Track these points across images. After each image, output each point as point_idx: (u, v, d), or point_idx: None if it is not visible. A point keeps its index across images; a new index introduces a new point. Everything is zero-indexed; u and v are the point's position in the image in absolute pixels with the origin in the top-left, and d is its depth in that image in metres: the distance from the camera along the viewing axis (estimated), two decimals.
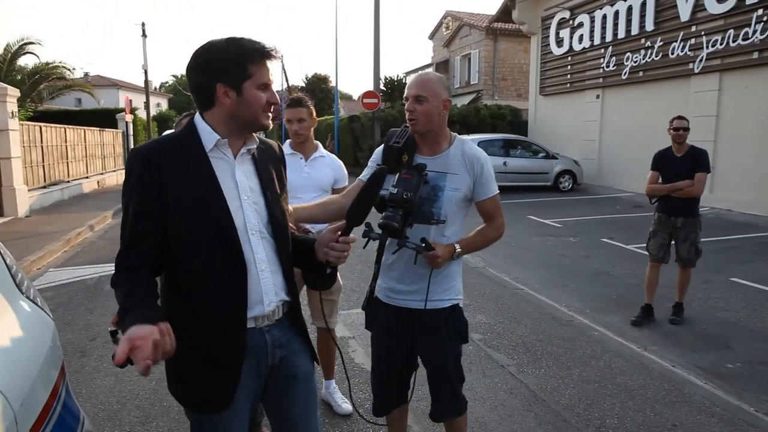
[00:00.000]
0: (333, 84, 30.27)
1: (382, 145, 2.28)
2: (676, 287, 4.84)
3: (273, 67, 1.53)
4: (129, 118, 20.93)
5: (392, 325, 2.28)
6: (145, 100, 27.13)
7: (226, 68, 1.45)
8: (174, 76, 67.48)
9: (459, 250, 2.15)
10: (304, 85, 42.70)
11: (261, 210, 1.57)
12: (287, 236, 1.65)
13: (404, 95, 2.23)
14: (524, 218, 10.17)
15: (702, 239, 4.82)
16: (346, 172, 3.26)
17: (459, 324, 2.28)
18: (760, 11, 10.21)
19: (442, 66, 33.18)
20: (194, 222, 1.46)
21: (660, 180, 4.78)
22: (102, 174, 17.63)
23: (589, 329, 4.65)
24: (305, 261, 1.71)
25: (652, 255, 4.88)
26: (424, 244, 2.05)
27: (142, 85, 28.98)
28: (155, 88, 53.68)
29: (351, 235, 1.62)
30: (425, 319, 2.20)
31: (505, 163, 13.60)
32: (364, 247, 2.19)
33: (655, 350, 4.24)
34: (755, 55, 10.45)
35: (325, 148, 3.35)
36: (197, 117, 1.54)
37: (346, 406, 3.29)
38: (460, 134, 2.34)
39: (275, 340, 1.61)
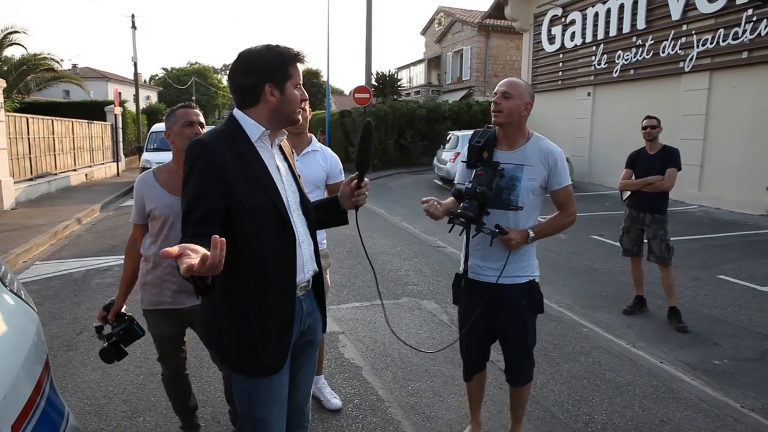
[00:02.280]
0: (324, 78, 30.14)
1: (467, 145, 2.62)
2: (663, 291, 4.86)
3: (301, 68, 1.77)
4: (118, 110, 20.71)
5: (476, 297, 2.57)
6: (134, 93, 26.82)
7: (273, 71, 1.69)
8: (164, 68, 66.86)
9: (532, 234, 2.47)
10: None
11: (295, 191, 1.83)
12: (312, 213, 1.90)
13: (494, 91, 2.53)
14: None
15: (690, 237, 4.85)
16: (341, 166, 3.20)
17: (535, 297, 2.58)
18: (750, 11, 10.27)
19: (434, 62, 33.16)
20: (255, 203, 1.64)
21: (633, 177, 4.86)
22: (90, 167, 17.45)
23: (578, 325, 4.66)
24: (329, 217, 2.00)
25: (625, 250, 5.01)
26: (498, 230, 2.39)
27: (132, 77, 28.66)
28: (145, 81, 53.14)
29: (365, 179, 1.92)
30: (506, 292, 2.51)
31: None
32: (449, 231, 2.53)
33: (644, 347, 4.26)
34: (744, 54, 10.51)
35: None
36: (238, 112, 1.74)
37: (336, 401, 3.27)
38: (450, 130, 2.58)
39: (307, 308, 1.85)
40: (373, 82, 21.85)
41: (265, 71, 1.68)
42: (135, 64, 26.38)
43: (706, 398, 3.46)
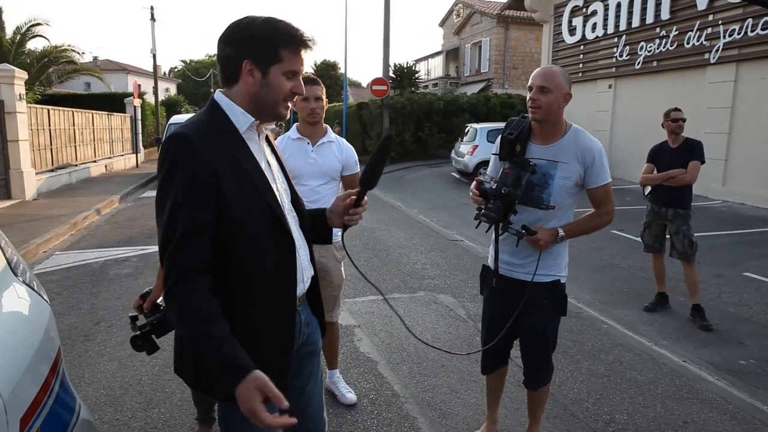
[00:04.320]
0: (342, 71, 30.10)
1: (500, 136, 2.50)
2: (686, 288, 4.73)
3: (306, 56, 1.48)
4: (137, 102, 20.89)
5: (500, 292, 2.52)
6: (153, 85, 27.05)
7: (256, 46, 1.41)
8: (183, 61, 67.38)
9: (562, 234, 2.35)
10: (313, 71, 42.53)
11: (287, 188, 1.61)
12: (303, 208, 1.68)
13: (528, 84, 2.37)
14: None
15: (714, 233, 4.72)
16: (356, 157, 3.15)
17: (558, 297, 2.48)
18: None
19: (452, 54, 32.89)
20: (249, 209, 1.41)
21: (655, 171, 4.73)
22: (110, 158, 17.64)
23: (598, 322, 4.57)
24: (315, 229, 1.73)
25: (647, 246, 4.89)
26: (524, 231, 2.29)
27: (151, 69, 28.90)
28: (164, 73, 53.60)
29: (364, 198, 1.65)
30: (529, 290, 2.40)
31: None
32: (476, 227, 2.51)
33: (666, 344, 4.15)
34: None
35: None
36: (220, 96, 1.48)
37: (351, 395, 3.24)
38: (468, 122, 2.51)
39: (305, 318, 1.67)
40: (391, 74, 21.73)
41: (247, 43, 1.40)
42: (154, 56, 26.59)
43: (731, 399, 3.35)
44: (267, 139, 1.62)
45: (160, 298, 2.56)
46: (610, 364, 3.79)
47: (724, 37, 11.13)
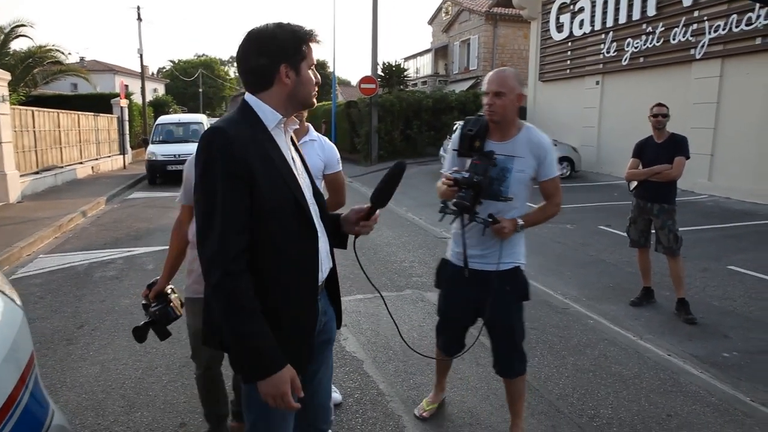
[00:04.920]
0: (330, 69, 30.03)
1: (458, 132, 2.66)
2: (672, 282, 4.75)
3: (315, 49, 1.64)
4: (124, 103, 20.72)
5: (461, 283, 2.63)
6: (141, 86, 26.84)
7: (288, 51, 1.55)
8: (171, 61, 66.95)
9: (522, 223, 2.52)
10: None
11: (308, 181, 1.72)
12: (324, 202, 1.79)
13: (483, 89, 2.55)
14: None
15: (700, 227, 4.75)
16: (338, 155, 3.14)
17: (520, 283, 2.62)
18: None
19: (441, 52, 32.92)
20: (278, 200, 1.53)
21: (640, 167, 4.75)
22: (96, 159, 17.48)
23: (584, 317, 4.58)
24: (332, 234, 1.82)
25: (633, 241, 4.93)
26: (491, 219, 2.43)
27: (139, 70, 28.67)
28: (152, 74, 53.20)
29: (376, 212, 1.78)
30: (493, 279, 2.53)
31: None
32: (439, 220, 2.59)
33: (651, 339, 4.18)
34: (758, 41, 10.28)
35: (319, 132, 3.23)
36: (250, 97, 1.60)
37: (336, 395, 3.22)
38: (456, 120, 2.63)
39: (322, 307, 1.76)
40: (380, 72, 21.71)
41: (280, 51, 1.55)
42: (141, 57, 26.42)
43: (714, 391, 3.38)
44: (291, 137, 1.75)
45: (169, 287, 2.55)
46: (595, 359, 3.80)
47: (710, 33, 11.21)
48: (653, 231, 4.77)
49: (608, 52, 14.34)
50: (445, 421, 3.03)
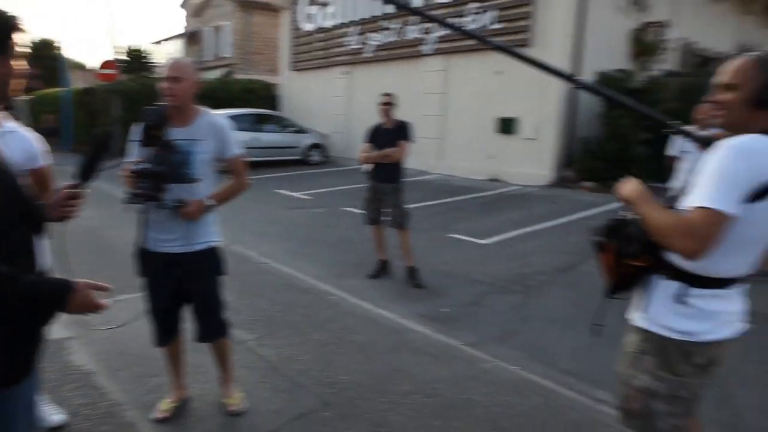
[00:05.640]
0: (60, 51, 26.20)
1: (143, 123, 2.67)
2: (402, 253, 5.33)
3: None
4: None
5: (160, 268, 2.74)
6: None
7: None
8: None
9: (210, 203, 2.68)
10: (30, 51, 35.93)
11: None
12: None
13: (164, 76, 2.65)
14: (274, 193, 10.22)
15: (430, 202, 5.42)
16: (39, 148, 2.75)
17: (216, 260, 2.84)
18: (475, 4, 11.86)
19: (193, 37, 31.24)
20: None
21: (373, 151, 5.26)
22: None
23: (328, 294, 4.88)
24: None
25: (369, 219, 5.41)
26: (179, 204, 2.57)
27: None
28: None
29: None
30: (188, 261, 2.70)
31: (255, 138, 13.45)
32: (127, 210, 2.64)
33: (386, 305, 4.64)
34: (472, 41, 12.10)
35: (41, 124, 2.82)
36: None
37: (57, 417, 2.87)
38: (211, 109, 2.79)
39: None
40: (125, 56, 19.72)
41: None
42: None
43: (434, 343, 3.92)
44: None
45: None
46: (336, 332, 4.08)
47: (436, 32, 12.78)
48: (386, 210, 5.29)
49: (354, 45, 15.32)
50: (185, 419, 2.94)
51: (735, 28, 15.18)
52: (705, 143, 1.75)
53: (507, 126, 11.51)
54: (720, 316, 1.73)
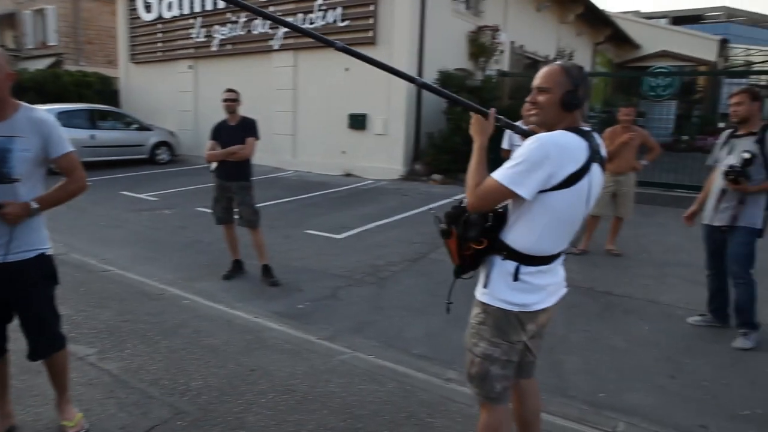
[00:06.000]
0: None
1: None
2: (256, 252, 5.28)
3: None
4: None
5: None
6: None
7: None
8: None
9: (35, 206, 2.43)
10: None
11: None
12: None
13: None
14: (117, 195, 9.50)
15: (286, 199, 5.41)
16: None
17: (48, 269, 2.59)
18: (320, 1, 11.94)
19: (9, 20, 27.50)
20: None
21: (218, 148, 5.15)
22: None
23: (179, 299, 4.69)
24: None
25: (218, 219, 5.29)
26: None
27: None
28: None
29: None
30: (13, 271, 2.42)
31: (92, 137, 12.29)
32: None
33: (240, 306, 4.59)
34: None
35: None
36: None
37: None
38: (34, 103, 2.53)
39: None
40: None
41: None
42: None
43: (290, 339, 3.96)
44: None
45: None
46: (188, 337, 3.95)
47: (284, 28, 12.63)
48: (236, 208, 5.20)
49: (199, 38, 14.63)
50: None
51: (556, 35, 17.14)
52: (525, 135, 2.10)
53: (358, 122, 11.83)
54: (548, 288, 2.06)
